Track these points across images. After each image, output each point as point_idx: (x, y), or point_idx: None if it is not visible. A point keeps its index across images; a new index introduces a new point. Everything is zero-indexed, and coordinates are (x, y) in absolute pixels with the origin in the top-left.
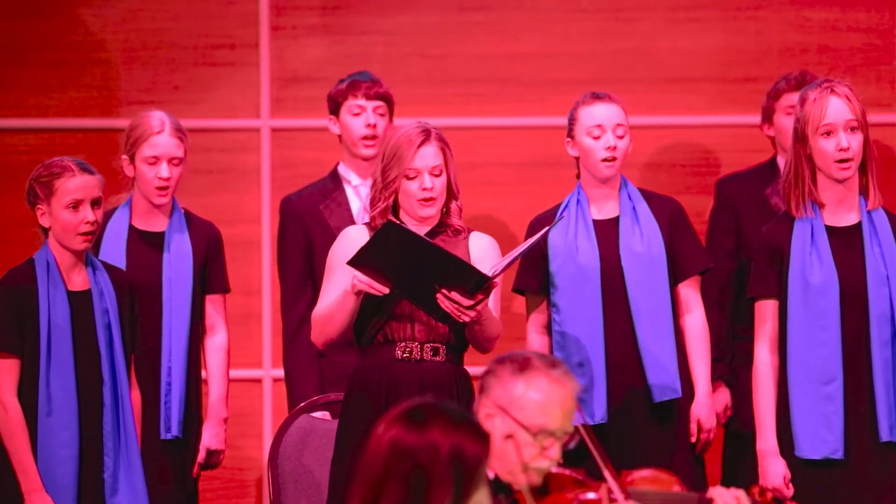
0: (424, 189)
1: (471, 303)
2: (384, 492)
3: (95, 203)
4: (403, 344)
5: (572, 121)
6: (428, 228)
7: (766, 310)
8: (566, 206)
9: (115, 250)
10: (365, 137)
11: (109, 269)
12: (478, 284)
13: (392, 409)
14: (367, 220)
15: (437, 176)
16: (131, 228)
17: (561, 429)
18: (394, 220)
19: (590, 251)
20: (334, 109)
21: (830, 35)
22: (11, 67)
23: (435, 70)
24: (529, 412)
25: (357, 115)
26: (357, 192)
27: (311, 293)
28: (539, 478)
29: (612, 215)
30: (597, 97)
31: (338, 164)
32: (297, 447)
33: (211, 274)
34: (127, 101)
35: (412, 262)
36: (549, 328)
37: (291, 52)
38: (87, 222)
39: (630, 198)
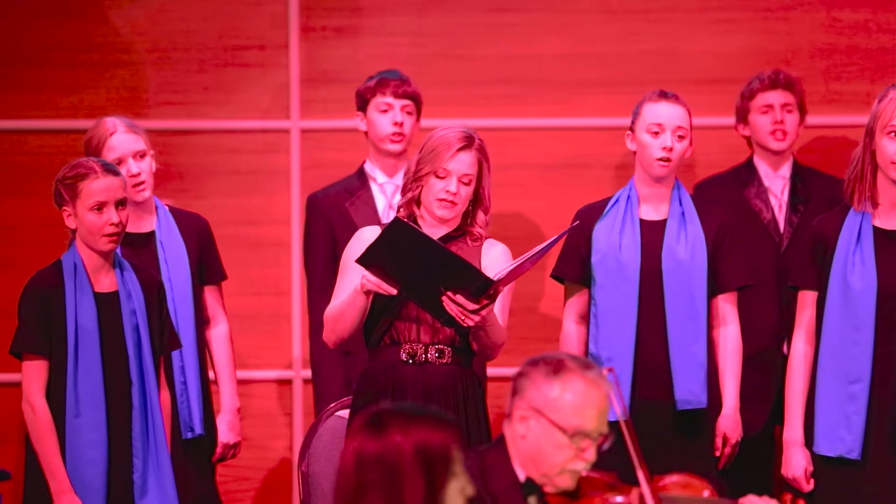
0: (447, 192)
1: (476, 307)
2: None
3: (120, 204)
4: (408, 346)
5: (636, 115)
6: (445, 231)
7: (805, 300)
8: (616, 200)
9: None
10: (391, 135)
11: (138, 270)
12: (482, 288)
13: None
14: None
15: (466, 184)
16: None
17: (596, 430)
18: (401, 218)
19: (632, 250)
20: (362, 106)
21: (861, 36)
22: (40, 69)
23: (462, 71)
24: (566, 414)
25: (384, 112)
26: (383, 190)
27: None
28: (573, 481)
29: (661, 217)
30: (664, 96)
31: (364, 161)
32: (327, 448)
33: (206, 265)
34: (156, 102)
35: (418, 262)
36: (586, 318)
37: (321, 53)
38: (112, 224)
39: (681, 203)
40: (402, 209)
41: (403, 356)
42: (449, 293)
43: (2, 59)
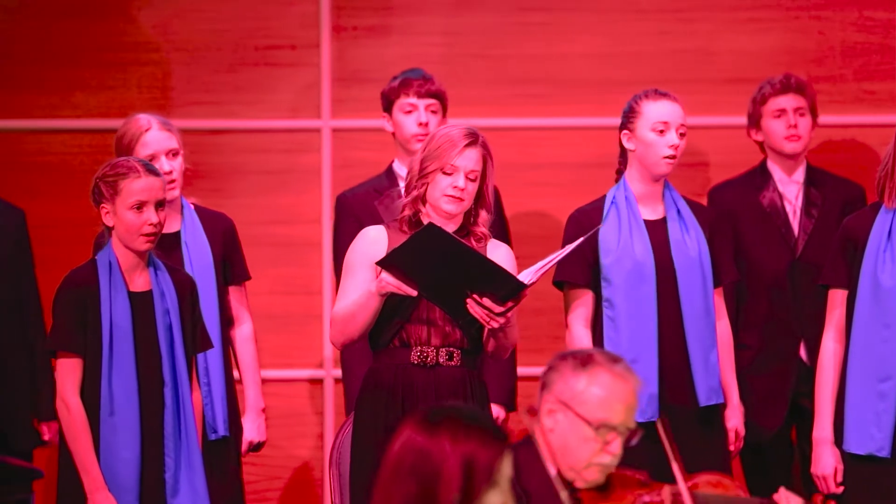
0: (455, 187)
1: (502, 309)
2: (396, 490)
3: (159, 205)
4: (419, 348)
5: (633, 114)
6: (451, 230)
7: (835, 299)
8: (613, 202)
9: None
10: (417, 135)
11: (172, 270)
12: (513, 292)
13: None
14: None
15: (472, 181)
16: None
17: (623, 424)
18: (435, 224)
19: (645, 250)
20: (387, 107)
21: (893, 35)
22: (71, 68)
23: (494, 70)
24: (591, 407)
25: (409, 112)
26: None
27: None
28: (601, 475)
29: (658, 216)
30: (662, 94)
31: (392, 161)
32: None
33: (231, 265)
34: (187, 101)
35: (446, 266)
36: (593, 323)
37: (352, 52)
38: (151, 223)
39: (674, 200)
40: (406, 208)
41: (414, 359)
42: (475, 296)
43: (33, 58)
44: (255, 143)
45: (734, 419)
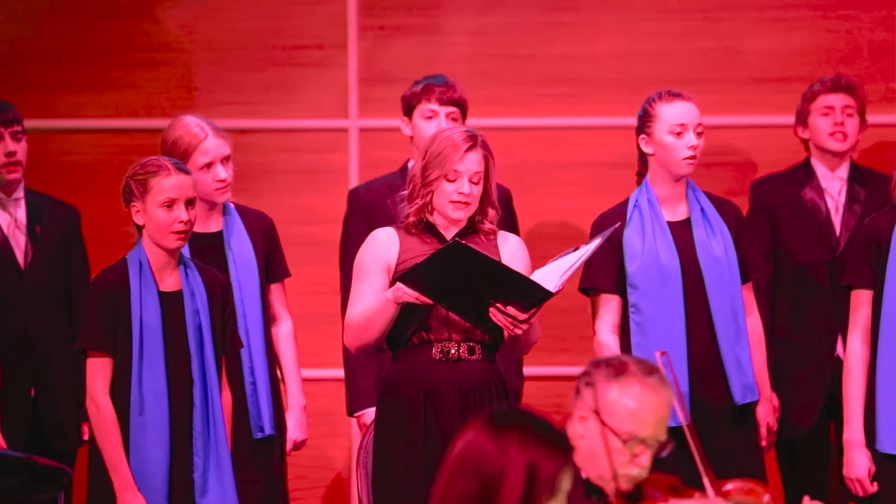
0: (461, 193)
1: (525, 316)
2: (454, 487)
3: (190, 203)
4: (440, 345)
5: (649, 118)
6: (457, 230)
7: (860, 299)
8: (636, 205)
9: None
10: None
11: (202, 269)
12: (540, 300)
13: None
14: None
15: (476, 183)
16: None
17: (652, 437)
18: (460, 240)
19: (669, 253)
20: (407, 111)
21: None
22: (99, 68)
23: (521, 70)
24: (621, 418)
25: (429, 118)
26: None
27: None
28: (629, 485)
29: (682, 217)
30: (676, 95)
31: (408, 160)
32: None
33: (271, 263)
34: (214, 101)
35: (468, 279)
36: (620, 329)
37: (379, 52)
38: (181, 221)
39: (698, 200)
40: (411, 216)
41: (436, 355)
42: (498, 304)
43: (60, 58)
44: (283, 143)
45: (766, 414)
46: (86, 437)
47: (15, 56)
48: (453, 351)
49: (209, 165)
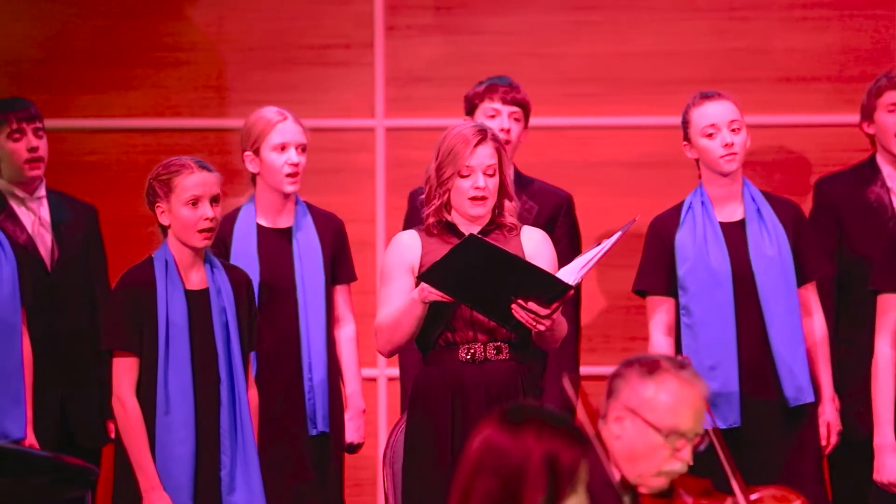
0: (477, 188)
1: (548, 312)
2: (475, 487)
3: (214, 200)
4: (467, 346)
5: (686, 124)
6: (478, 229)
7: (888, 303)
8: (689, 207)
9: (246, 250)
10: None
11: (228, 267)
12: (559, 294)
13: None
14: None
15: (491, 176)
16: (259, 227)
17: (692, 430)
18: (472, 231)
19: (720, 255)
20: (470, 110)
21: None
22: (127, 68)
23: (548, 69)
24: (660, 413)
25: (492, 117)
26: None
27: None
28: (668, 481)
29: (737, 218)
30: (706, 97)
31: None
32: None
33: (338, 265)
34: (242, 101)
35: (488, 274)
36: (673, 330)
37: (406, 51)
38: (207, 219)
39: (754, 199)
40: (430, 217)
41: (463, 356)
42: (520, 300)
43: (88, 58)
44: (309, 143)
45: (828, 414)
46: (111, 435)
47: (42, 56)
48: (479, 352)
49: (283, 147)
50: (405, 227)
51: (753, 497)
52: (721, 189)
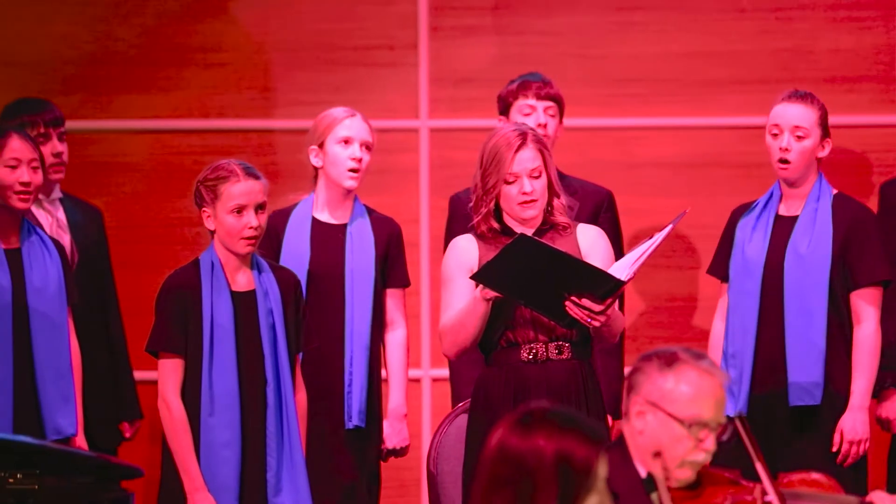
0: (524, 193)
1: (601, 307)
2: (492, 495)
3: (260, 208)
4: (528, 346)
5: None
6: (531, 231)
7: None
8: (764, 197)
9: (298, 239)
10: None
11: (275, 269)
12: (612, 290)
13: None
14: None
15: (537, 178)
16: (314, 220)
17: (714, 419)
18: (526, 233)
19: (759, 246)
20: (504, 110)
21: None
22: (174, 69)
23: (593, 70)
24: (682, 404)
25: (528, 115)
26: None
27: None
28: (694, 472)
29: (796, 213)
30: (790, 96)
31: None
32: (456, 448)
33: (391, 268)
34: (287, 102)
35: (540, 273)
36: None
37: (450, 52)
38: (251, 227)
39: (817, 198)
40: (481, 224)
41: (525, 356)
42: (573, 297)
43: (136, 60)
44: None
45: (845, 422)
46: (126, 435)
47: (89, 58)
48: (541, 352)
49: (348, 142)
50: (447, 233)
51: (785, 481)
52: (787, 186)
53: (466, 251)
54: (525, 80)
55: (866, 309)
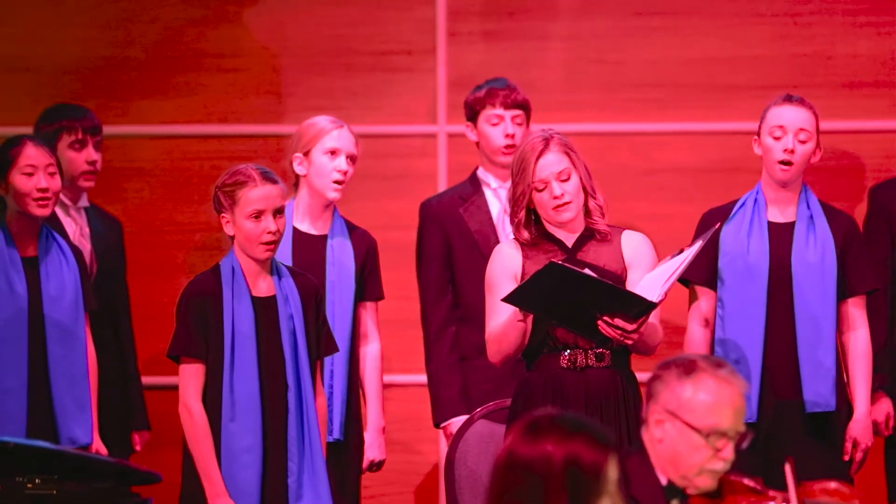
0: (555, 197)
1: (634, 326)
2: (505, 503)
3: (278, 212)
4: (569, 352)
5: (761, 120)
6: (574, 238)
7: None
8: (743, 203)
9: (280, 253)
10: (504, 147)
11: (295, 274)
12: (644, 311)
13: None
14: (507, 228)
15: (566, 181)
16: (294, 230)
17: (732, 428)
18: (556, 261)
19: (761, 252)
20: (471, 116)
21: None
22: (190, 75)
23: (611, 75)
24: (700, 414)
25: (495, 125)
26: (496, 195)
27: (451, 296)
28: (714, 481)
29: (789, 220)
30: (787, 99)
31: (477, 168)
32: (474, 452)
33: (367, 281)
34: (304, 107)
35: (571, 296)
36: (710, 321)
37: (468, 57)
38: (269, 232)
39: (809, 206)
40: (517, 234)
41: (564, 363)
42: (606, 317)
43: (152, 65)
44: (371, 148)
45: (856, 430)
46: (137, 447)
47: (105, 64)
48: (581, 359)
49: (334, 153)
50: (418, 240)
51: (807, 490)
52: (777, 192)
53: (510, 257)
54: (491, 87)
55: (860, 316)
